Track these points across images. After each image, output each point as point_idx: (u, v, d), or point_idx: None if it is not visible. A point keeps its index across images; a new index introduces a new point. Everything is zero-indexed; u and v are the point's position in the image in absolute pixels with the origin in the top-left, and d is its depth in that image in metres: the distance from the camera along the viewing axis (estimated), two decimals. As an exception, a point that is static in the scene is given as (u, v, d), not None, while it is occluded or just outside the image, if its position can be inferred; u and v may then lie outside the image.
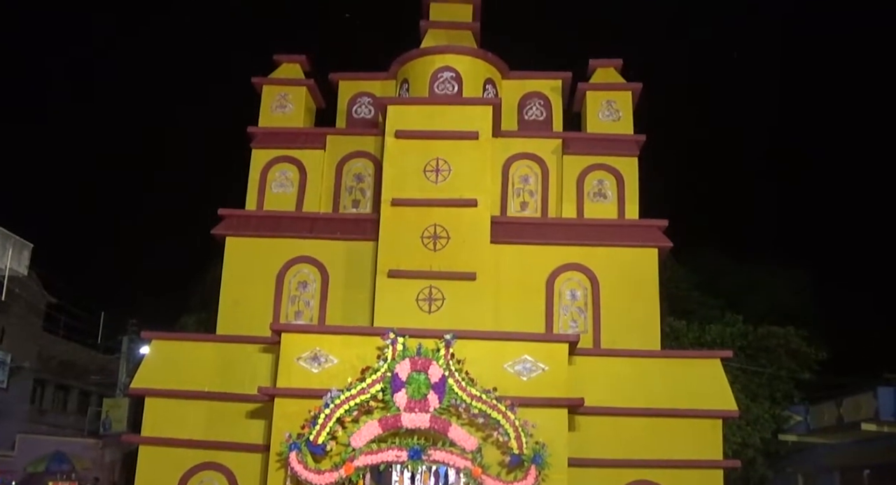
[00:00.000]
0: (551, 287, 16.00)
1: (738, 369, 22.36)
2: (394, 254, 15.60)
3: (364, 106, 18.31)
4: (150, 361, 15.82)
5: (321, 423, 13.32)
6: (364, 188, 17.29)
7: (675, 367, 15.20)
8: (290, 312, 16.26)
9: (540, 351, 14.06)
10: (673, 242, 16.35)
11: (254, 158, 17.46)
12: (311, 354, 14.21)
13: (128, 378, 26.41)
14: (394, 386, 13.47)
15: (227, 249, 16.70)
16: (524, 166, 17.13)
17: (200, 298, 25.39)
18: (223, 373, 15.20)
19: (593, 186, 16.89)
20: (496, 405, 13.25)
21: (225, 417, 14.89)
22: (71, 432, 32.44)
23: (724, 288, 28.04)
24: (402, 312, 15.10)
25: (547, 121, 17.87)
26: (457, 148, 16.11)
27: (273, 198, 17.17)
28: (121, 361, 30.60)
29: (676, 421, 14.52)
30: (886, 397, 21.93)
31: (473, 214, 15.76)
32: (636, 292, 15.94)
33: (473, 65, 17.53)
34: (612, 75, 17.82)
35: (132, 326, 29.75)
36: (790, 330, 24.64)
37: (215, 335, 16.03)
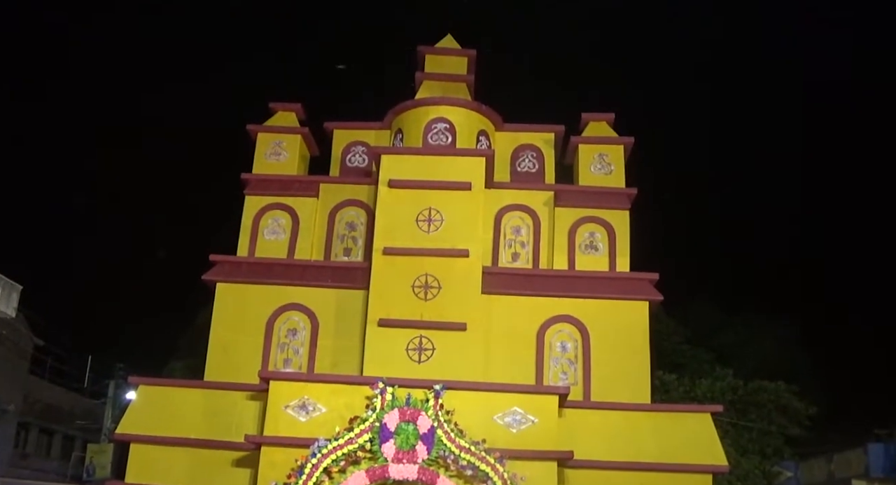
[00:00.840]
0: (542, 339, 15.98)
1: (728, 424, 22.27)
2: (384, 303, 15.58)
3: (358, 155, 18.42)
4: (137, 407, 15.68)
5: (308, 472, 13.18)
6: (356, 236, 17.33)
7: (665, 421, 15.13)
8: (279, 359, 16.19)
9: (530, 403, 13.99)
10: (664, 296, 16.38)
11: (247, 204, 17.50)
12: (299, 403, 14.12)
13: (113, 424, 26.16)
14: (382, 436, 13.36)
15: (218, 295, 16.67)
16: (516, 218, 17.21)
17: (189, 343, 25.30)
18: (210, 420, 15.05)
19: (585, 238, 16.96)
20: (485, 457, 13.13)
21: (211, 464, 14.69)
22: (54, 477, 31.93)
23: (714, 342, 28.07)
24: (392, 361, 15.04)
25: (539, 173, 18.00)
26: (449, 198, 16.21)
27: (265, 245, 17.19)
28: (107, 406, 30.38)
29: (666, 475, 14.38)
30: (876, 454, 21.92)
31: (465, 264, 15.79)
32: (627, 345, 15.91)
33: (467, 116, 17.72)
34: (605, 129, 18.01)
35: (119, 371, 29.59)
36: (780, 385, 24.61)
37: (203, 382, 15.92)
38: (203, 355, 16.49)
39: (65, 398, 35.01)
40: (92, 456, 29.61)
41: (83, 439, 34.13)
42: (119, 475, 17.60)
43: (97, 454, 29.36)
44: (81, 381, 33.68)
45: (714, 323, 29.49)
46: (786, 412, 24.61)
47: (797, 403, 24.65)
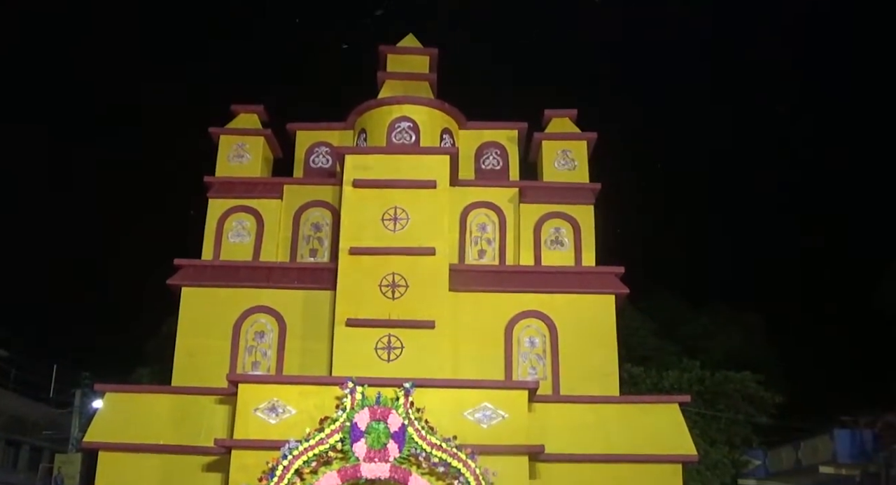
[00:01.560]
0: (510, 334, 16.04)
1: (696, 414, 22.48)
2: (352, 303, 15.56)
3: (322, 155, 18.36)
4: (104, 415, 15.52)
5: (279, 475, 13.13)
6: (322, 237, 17.27)
7: (634, 412, 15.26)
8: (247, 362, 16.09)
9: (500, 398, 14.04)
10: (630, 289, 16.51)
11: (210, 207, 17.37)
12: (268, 405, 14.06)
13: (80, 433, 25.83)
14: (353, 436, 13.35)
15: (183, 299, 16.52)
16: (482, 215, 17.26)
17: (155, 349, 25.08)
18: (179, 425, 14.95)
19: (550, 233, 17.04)
20: (456, 454, 13.17)
21: (181, 470, 14.59)
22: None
23: (680, 334, 28.35)
24: (361, 361, 15.02)
25: (504, 170, 18.06)
26: (415, 197, 16.21)
27: (230, 248, 17.07)
28: (73, 416, 29.99)
29: (636, 467, 14.52)
30: (843, 440, 22.22)
31: (432, 262, 15.80)
32: (594, 339, 16.02)
33: (430, 115, 17.73)
34: (567, 125, 18.09)
35: (85, 380, 29.20)
36: (747, 375, 24.89)
37: (170, 387, 15.79)
38: (170, 361, 16.33)
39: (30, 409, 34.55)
40: (60, 467, 29.19)
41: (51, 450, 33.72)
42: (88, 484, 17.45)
43: (65, 465, 28.96)
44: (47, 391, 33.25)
45: (680, 316, 29.77)
46: (753, 402, 24.91)
47: (764, 392, 24.95)
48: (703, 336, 28.68)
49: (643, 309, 27.13)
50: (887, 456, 20.71)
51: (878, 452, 21.10)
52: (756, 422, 25.06)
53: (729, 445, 24.22)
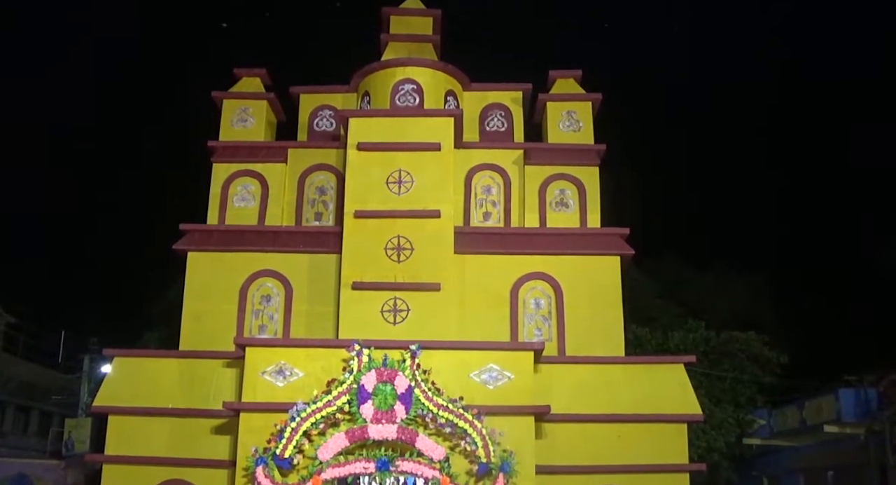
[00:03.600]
0: (515, 296, 16.09)
1: (701, 375, 22.58)
2: (357, 266, 15.58)
3: (325, 119, 18.31)
4: (113, 379, 15.64)
5: (287, 436, 13.26)
6: (326, 201, 17.28)
7: (639, 373, 15.33)
8: (253, 326, 16.17)
9: (505, 360, 14.12)
10: (635, 251, 16.52)
11: (214, 172, 17.36)
12: (275, 368, 14.15)
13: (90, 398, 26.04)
14: (360, 398, 13.45)
15: (189, 264, 16.56)
16: (486, 177, 17.22)
17: (162, 314, 25.15)
18: (187, 389, 15.06)
19: (555, 195, 17.01)
20: (463, 415, 13.27)
21: (190, 433, 14.73)
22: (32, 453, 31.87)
23: (686, 295, 28.35)
24: (367, 323, 15.07)
25: (508, 132, 17.99)
26: (419, 159, 16.17)
27: (235, 212, 17.09)
28: (82, 381, 30.22)
29: (642, 426, 14.64)
30: (847, 399, 22.27)
31: (437, 224, 15.80)
32: (600, 300, 16.07)
33: (434, 77, 17.62)
34: (572, 86, 17.98)
35: (93, 345, 29.36)
36: (752, 335, 24.97)
37: (178, 351, 15.89)
38: (177, 325, 16.41)
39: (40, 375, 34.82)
40: (70, 431, 29.47)
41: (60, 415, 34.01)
42: (98, 449, 17.64)
43: (75, 429, 29.24)
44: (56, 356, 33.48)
45: (685, 277, 29.77)
46: (758, 362, 25.02)
47: (768, 352, 25.03)
48: (708, 297, 28.69)
49: (648, 270, 27.13)
50: (892, 415, 20.78)
51: (882, 411, 21.15)
52: (761, 382, 25.18)
53: (734, 404, 24.35)
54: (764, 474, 26.86)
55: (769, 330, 25.76)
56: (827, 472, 24.16)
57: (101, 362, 26.28)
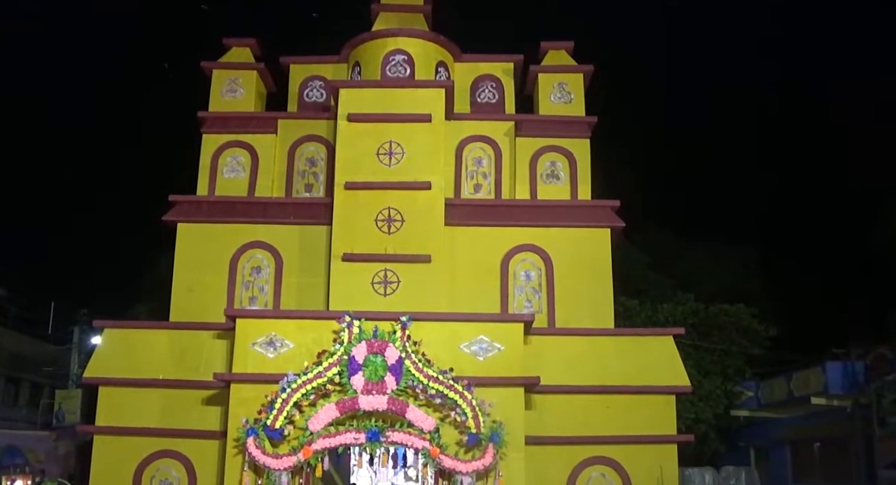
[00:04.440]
0: (506, 268, 16.11)
1: (690, 347, 22.70)
2: (348, 237, 15.57)
3: (316, 89, 18.21)
4: (103, 350, 15.64)
5: (278, 407, 13.30)
6: (317, 172, 17.21)
7: (628, 344, 15.42)
8: (244, 297, 16.16)
9: (495, 331, 14.16)
10: (625, 223, 16.54)
11: (204, 143, 17.28)
12: (266, 340, 14.16)
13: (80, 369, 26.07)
14: (350, 369, 13.49)
15: (179, 235, 16.52)
16: (477, 149, 17.19)
17: (152, 286, 25.12)
18: (177, 360, 15.10)
19: (546, 167, 17.00)
20: (453, 386, 13.33)
21: (180, 404, 14.78)
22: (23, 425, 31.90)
23: (675, 268, 28.45)
24: (358, 295, 15.09)
25: (499, 103, 17.93)
26: (410, 131, 16.11)
27: (225, 183, 17.03)
28: (73, 352, 30.22)
29: (631, 397, 14.74)
30: (834, 372, 22.41)
31: (427, 196, 15.77)
32: (590, 272, 16.11)
33: (425, 48, 17.52)
34: (564, 58, 17.91)
35: (83, 316, 29.33)
36: (741, 308, 25.09)
37: (168, 322, 15.89)
38: (167, 297, 16.40)
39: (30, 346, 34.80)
40: (60, 402, 29.50)
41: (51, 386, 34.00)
42: (89, 420, 17.66)
43: (66, 400, 29.27)
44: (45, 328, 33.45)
45: (675, 250, 29.83)
46: (746, 334, 25.16)
47: (757, 325, 25.18)
48: (697, 270, 28.79)
49: (639, 243, 27.19)
50: (878, 387, 20.93)
51: (869, 383, 21.31)
52: (749, 354, 25.34)
53: (722, 376, 24.52)
54: (751, 445, 27.06)
55: (758, 303, 25.89)
56: (813, 443, 24.38)
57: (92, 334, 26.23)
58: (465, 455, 13.26)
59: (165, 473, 14.60)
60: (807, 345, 24.97)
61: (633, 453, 14.47)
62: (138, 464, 14.53)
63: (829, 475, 23.39)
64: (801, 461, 25.22)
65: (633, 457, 14.44)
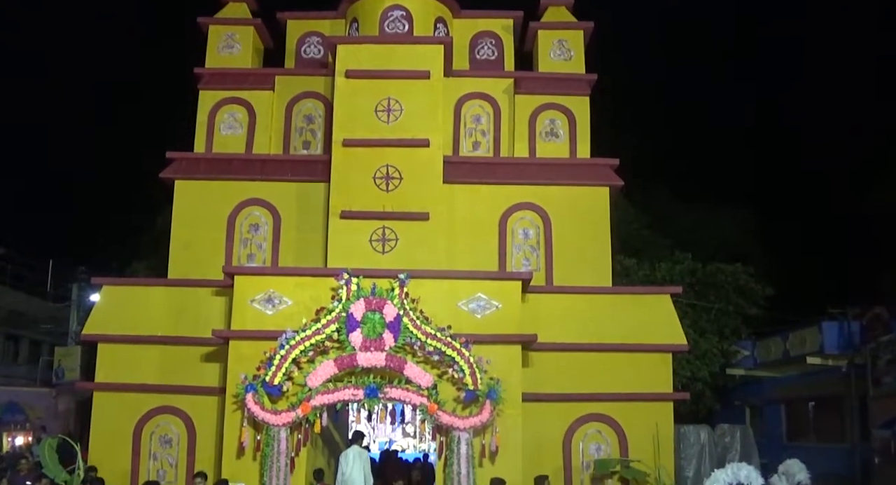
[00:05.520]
0: (504, 226, 16.11)
1: (687, 305, 22.71)
2: (346, 195, 15.54)
3: (313, 46, 18.07)
4: (102, 308, 15.69)
5: (277, 364, 13.37)
6: (314, 129, 17.14)
7: (626, 303, 15.47)
8: (242, 254, 16.18)
9: (493, 289, 14.20)
10: (624, 182, 16.50)
11: (201, 99, 17.18)
12: (264, 296, 14.19)
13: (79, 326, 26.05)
14: (349, 326, 13.54)
15: (177, 192, 16.49)
16: (476, 106, 17.09)
17: (150, 243, 25.06)
18: (176, 317, 15.15)
19: (545, 125, 16.92)
20: (451, 343, 13.39)
21: (179, 361, 14.87)
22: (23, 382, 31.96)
23: (673, 227, 28.35)
24: (356, 252, 15.11)
25: (498, 60, 17.82)
26: (408, 87, 16.00)
27: (222, 140, 16.96)
28: (71, 309, 30.21)
29: (628, 355, 14.83)
30: (830, 332, 22.41)
31: (426, 154, 15.71)
32: (588, 231, 16.11)
33: (424, 4, 17.36)
34: (564, 14, 17.76)
35: (82, 274, 29.30)
36: (738, 267, 25.05)
37: (167, 279, 15.92)
38: (165, 254, 16.44)
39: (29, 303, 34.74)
40: (60, 359, 29.52)
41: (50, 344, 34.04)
42: (88, 377, 17.76)
43: (65, 357, 29.28)
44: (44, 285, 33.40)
45: (673, 209, 29.75)
46: (743, 293, 25.13)
47: (754, 284, 25.15)
48: (695, 229, 28.69)
49: (637, 202, 27.10)
50: (874, 348, 20.93)
51: (865, 343, 21.30)
52: (746, 313, 25.33)
53: (719, 335, 24.53)
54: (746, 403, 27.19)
55: (755, 262, 25.86)
56: (808, 402, 24.50)
57: (90, 291, 26.19)
58: (463, 412, 13.37)
59: (165, 428, 14.73)
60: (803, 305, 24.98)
61: (630, 411, 14.59)
62: (138, 420, 14.66)
63: (823, 434, 23.54)
64: (795, 420, 25.37)
65: (630, 414, 14.57)
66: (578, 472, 14.49)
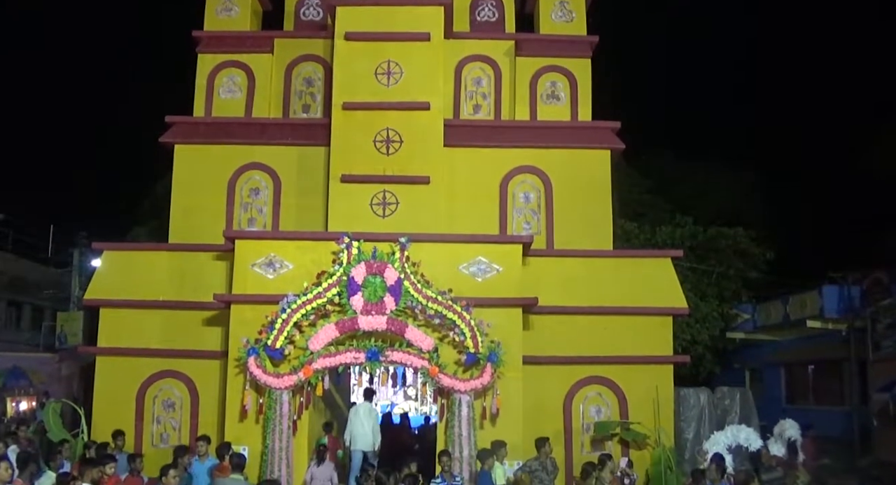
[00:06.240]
0: (505, 190, 16.07)
1: (687, 269, 22.74)
2: (346, 159, 15.48)
3: (312, 8, 17.87)
4: (103, 273, 15.70)
5: (279, 327, 13.40)
6: (314, 93, 17.03)
7: (626, 266, 15.46)
8: (242, 219, 16.16)
9: (494, 252, 14.19)
10: (625, 145, 16.41)
11: (200, 63, 17.06)
12: (265, 261, 14.19)
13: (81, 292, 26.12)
14: (350, 290, 13.55)
15: (177, 157, 16.43)
16: (477, 68, 16.97)
17: (151, 208, 25.05)
18: (178, 281, 15.17)
19: (546, 88, 16.81)
20: (452, 306, 13.41)
21: (182, 325, 14.90)
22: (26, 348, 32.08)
23: (674, 191, 28.32)
24: (357, 216, 15.08)
25: (499, 22, 17.64)
26: (408, 50, 15.87)
27: (221, 104, 16.86)
28: (73, 275, 30.25)
29: (628, 319, 14.84)
30: (831, 295, 22.48)
31: (426, 117, 15.62)
32: (589, 194, 16.07)
33: (423, -35, 17.12)
34: (565, -26, 17.54)
35: (82, 239, 29.28)
36: (739, 231, 25.04)
37: (168, 244, 15.92)
38: (166, 219, 16.42)
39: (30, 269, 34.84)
40: (62, 324, 29.63)
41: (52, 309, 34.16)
42: (91, 341, 17.82)
43: (67, 323, 29.39)
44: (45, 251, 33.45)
45: (674, 173, 29.68)
46: (744, 257, 25.17)
47: (755, 248, 25.17)
48: (696, 193, 28.65)
49: (638, 166, 27.05)
50: (874, 312, 21.01)
51: (865, 307, 21.39)
52: (746, 277, 25.39)
53: (719, 299, 24.59)
54: (746, 366, 27.32)
55: (756, 226, 25.84)
56: (807, 366, 24.64)
57: (91, 256, 26.18)
58: (464, 374, 13.42)
59: (168, 392, 14.81)
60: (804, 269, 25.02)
61: (630, 374, 14.64)
62: (141, 384, 14.73)
63: (823, 397, 23.70)
64: (794, 383, 25.53)
65: (630, 377, 14.62)
66: (579, 434, 14.57)
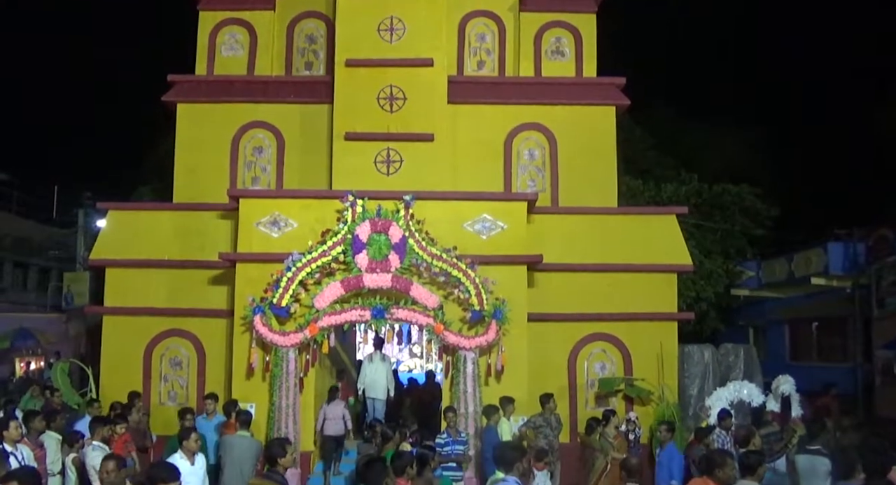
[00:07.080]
0: (509, 147, 16.00)
1: (692, 226, 22.67)
2: (350, 116, 15.40)
3: (314, -36, 17.65)
4: (108, 232, 15.72)
5: (284, 286, 13.43)
6: (317, 49, 16.88)
7: (631, 223, 15.44)
8: (246, 177, 16.13)
9: (499, 210, 14.16)
10: (631, 101, 16.29)
11: (201, 20, 16.91)
12: (270, 219, 14.19)
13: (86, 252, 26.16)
14: (355, 248, 13.56)
15: (179, 116, 16.36)
16: (480, 24, 16.80)
17: (155, 167, 24.98)
18: (183, 241, 15.19)
19: (551, 43, 16.66)
20: (456, 264, 13.42)
21: (187, 284, 14.94)
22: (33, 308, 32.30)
23: (679, 148, 28.14)
24: (361, 174, 15.05)
25: (503, -23, 17.41)
26: (411, 5, 15.72)
27: (223, 62, 16.74)
28: (78, 235, 30.29)
29: (633, 276, 14.85)
30: (836, 252, 22.42)
31: (430, 73, 15.52)
32: (594, 151, 16.00)
33: (426, -82, 16.88)
34: (570, -72, 17.29)
35: (87, 199, 29.28)
36: (744, 187, 24.96)
37: (172, 203, 15.92)
38: (170, 178, 16.39)
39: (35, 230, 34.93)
40: (69, 285, 29.73)
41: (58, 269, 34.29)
42: (97, 301, 17.88)
43: (74, 283, 29.48)
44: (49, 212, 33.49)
45: (679, 129, 29.47)
46: (749, 214, 25.10)
47: (760, 204, 25.09)
48: (701, 150, 28.46)
49: (643, 123, 26.85)
50: (879, 269, 20.98)
51: (870, 264, 21.33)
52: (751, 234, 25.33)
53: (724, 256, 24.57)
54: (750, 324, 27.37)
55: (762, 183, 25.73)
56: (812, 323, 24.65)
57: (96, 216, 26.19)
58: (469, 332, 13.47)
59: (175, 351, 14.90)
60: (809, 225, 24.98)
61: (634, 330, 14.69)
62: (148, 343, 14.82)
63: (826, 354, 23.76)
64: (798, 340, 25.57)
65: (634, 334, 14.68)
66: (583, 390, 14.66)
